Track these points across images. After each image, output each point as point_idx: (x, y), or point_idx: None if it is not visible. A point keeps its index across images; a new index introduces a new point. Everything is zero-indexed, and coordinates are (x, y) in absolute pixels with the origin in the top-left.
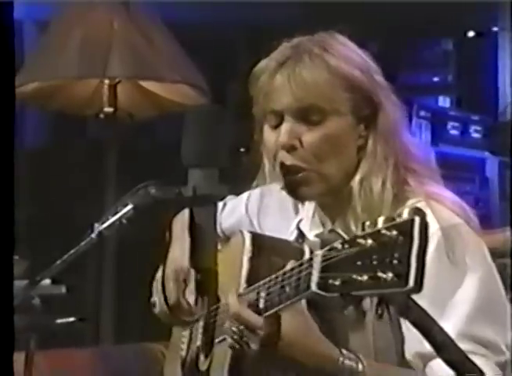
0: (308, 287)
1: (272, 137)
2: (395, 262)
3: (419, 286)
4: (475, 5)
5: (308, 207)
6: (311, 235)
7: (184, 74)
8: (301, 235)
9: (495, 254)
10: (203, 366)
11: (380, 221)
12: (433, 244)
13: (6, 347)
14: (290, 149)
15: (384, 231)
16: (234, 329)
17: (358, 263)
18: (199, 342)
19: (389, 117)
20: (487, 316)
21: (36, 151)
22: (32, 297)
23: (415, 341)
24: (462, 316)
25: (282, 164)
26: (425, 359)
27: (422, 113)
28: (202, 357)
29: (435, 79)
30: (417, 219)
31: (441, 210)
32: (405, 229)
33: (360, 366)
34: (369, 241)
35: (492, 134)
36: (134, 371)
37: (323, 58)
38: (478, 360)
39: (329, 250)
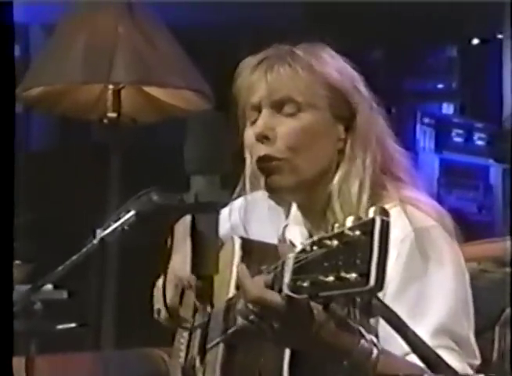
0: (281, 289)
1: (250, 132)
2: (358, 261)
3: (380, 285)
4: (480, 13)
5: (295, 214)
6: (297, 242)
7: (188, 79)
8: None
9: (497, 263)
10: (198, 373)
11: (349, 221)
12: (406, 246)
13: (5, 352)
14: (264, 139)
15: (347, 231)
16: (253, 309)
17: (325, 264)
18: (195, 348)
19: (369, 122)
20: (463, 314)
21: (40, 155)
22: (34, 302)
23: (386, 343)
24: (440, 312)
25: (258, 158)
26: None
27: (426, 120)
28: (198, 363)
29: (439, 86)
30: (378, 219)
31: (416, 213)
32: (368, 228)
33: (375, 350)
34: (335, 242)
35: (495, 141)
36: None
37: (303, 58)
38: (454, 356)
39: (300, 252)
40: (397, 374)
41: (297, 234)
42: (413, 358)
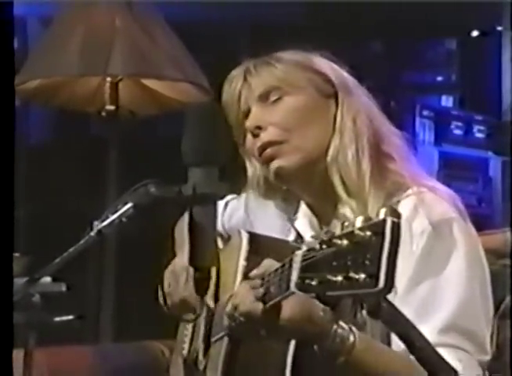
0: (288, 287)
1: (248, 138)
2: (367, 262)
3: (389, 287)
4: (479, 5)
5: (304, 208)
6: (307, 236)
7: (186, 72)
8: (299, 235)
9: (496, 254)
10: (200, 366)
11: (358, 221)
12: (423, 240)
13: (5, 345)
14: (258, 130)
15: (357, 231)
16: (239, 317)
17: (334, 263)
18: (199, 342)
19: (353, 97)
20: (476, 311)
21: (38, 148)
22: (32, 294)
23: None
24: (450, 307)
25: (258, 150)
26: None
27: (425, 112)
28: (201, 356)
29: (439, 79)
30: (389, 220)
31: (434, 202)
32: (378, 229)
33: (351, 337)
34: (345, 242)
35: (495, 134)
36: (133, 369)
37: (278, 56)
38: (462, 356)
39: (309, 250)
40: (377, 361)
41: (307, 226)
42: None
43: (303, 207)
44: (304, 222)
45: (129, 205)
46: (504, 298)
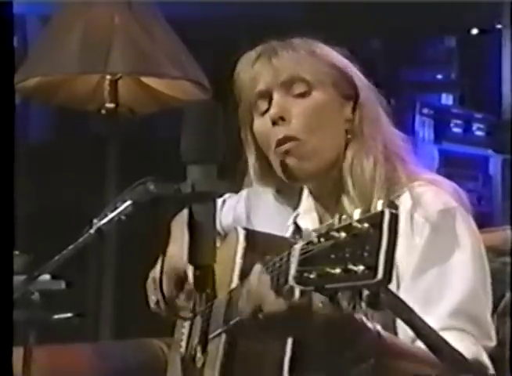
0: (287, 280)
1: (262, 122)
2: (366, 254)
3: (388, 278)
4: (479, 3)
5: (306, 203)
6: (308, 230)
7: (185, 70)
8: (298, 230)
9: (496, 252)
10: (198, 363)
11: (356, 213)
12: (427, 229)
13: (5, 342)
14: (281, 121)
15: (355, 224)
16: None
17: (332, 256)
18: (196, 339)
19: (372, 102)
20: (481, 296)
21: (38, 146)
22: (31, 292)
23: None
24: (458, 292)
25: (276, 142)
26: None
27: (425, 110)
28: (199, 354)
29: (438, 77)
30: (387, 211)
31: (437, 194)
32: (376, 221)
33: (378, 326)
34: (343, 234)
35: (495, 132)
36: (133, 367)
37: (303, 44)
38: (468, 340)
39: (307, 243)
40: (401, 358)
41: (309, 222)
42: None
43: (304, 203)
44: (305, 218)
45: (128, 203)
46: (504, 295)
